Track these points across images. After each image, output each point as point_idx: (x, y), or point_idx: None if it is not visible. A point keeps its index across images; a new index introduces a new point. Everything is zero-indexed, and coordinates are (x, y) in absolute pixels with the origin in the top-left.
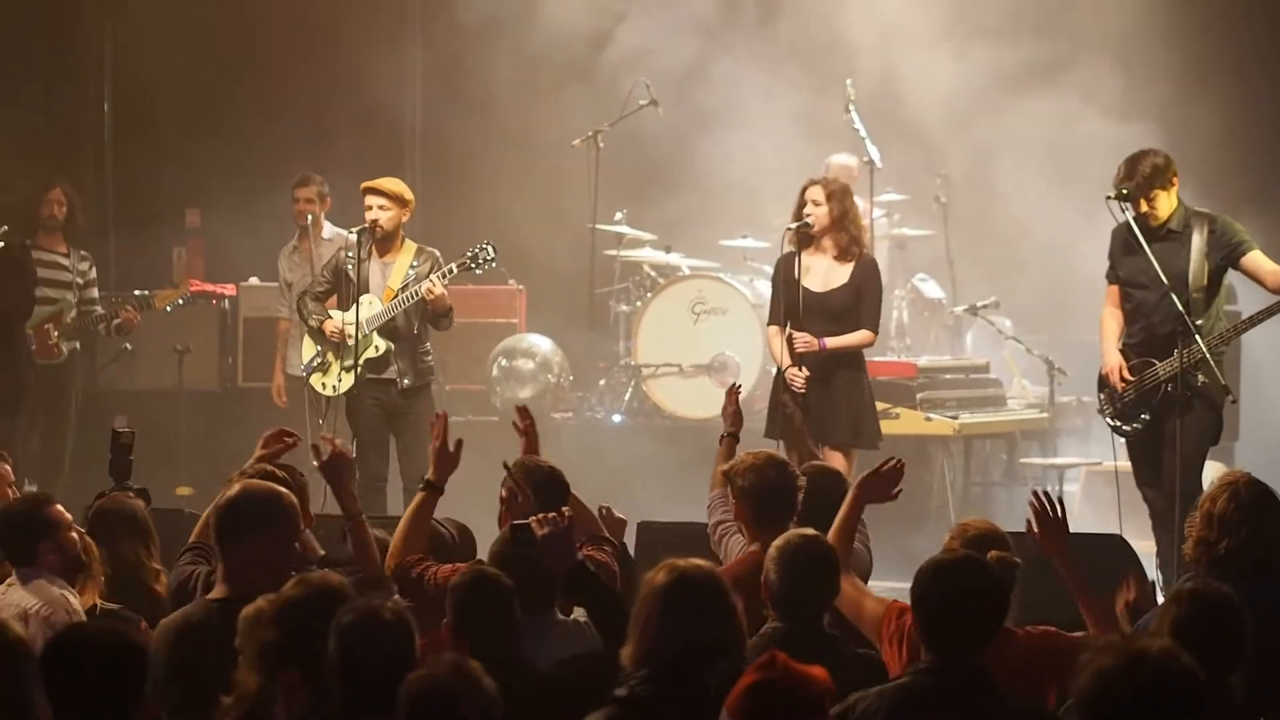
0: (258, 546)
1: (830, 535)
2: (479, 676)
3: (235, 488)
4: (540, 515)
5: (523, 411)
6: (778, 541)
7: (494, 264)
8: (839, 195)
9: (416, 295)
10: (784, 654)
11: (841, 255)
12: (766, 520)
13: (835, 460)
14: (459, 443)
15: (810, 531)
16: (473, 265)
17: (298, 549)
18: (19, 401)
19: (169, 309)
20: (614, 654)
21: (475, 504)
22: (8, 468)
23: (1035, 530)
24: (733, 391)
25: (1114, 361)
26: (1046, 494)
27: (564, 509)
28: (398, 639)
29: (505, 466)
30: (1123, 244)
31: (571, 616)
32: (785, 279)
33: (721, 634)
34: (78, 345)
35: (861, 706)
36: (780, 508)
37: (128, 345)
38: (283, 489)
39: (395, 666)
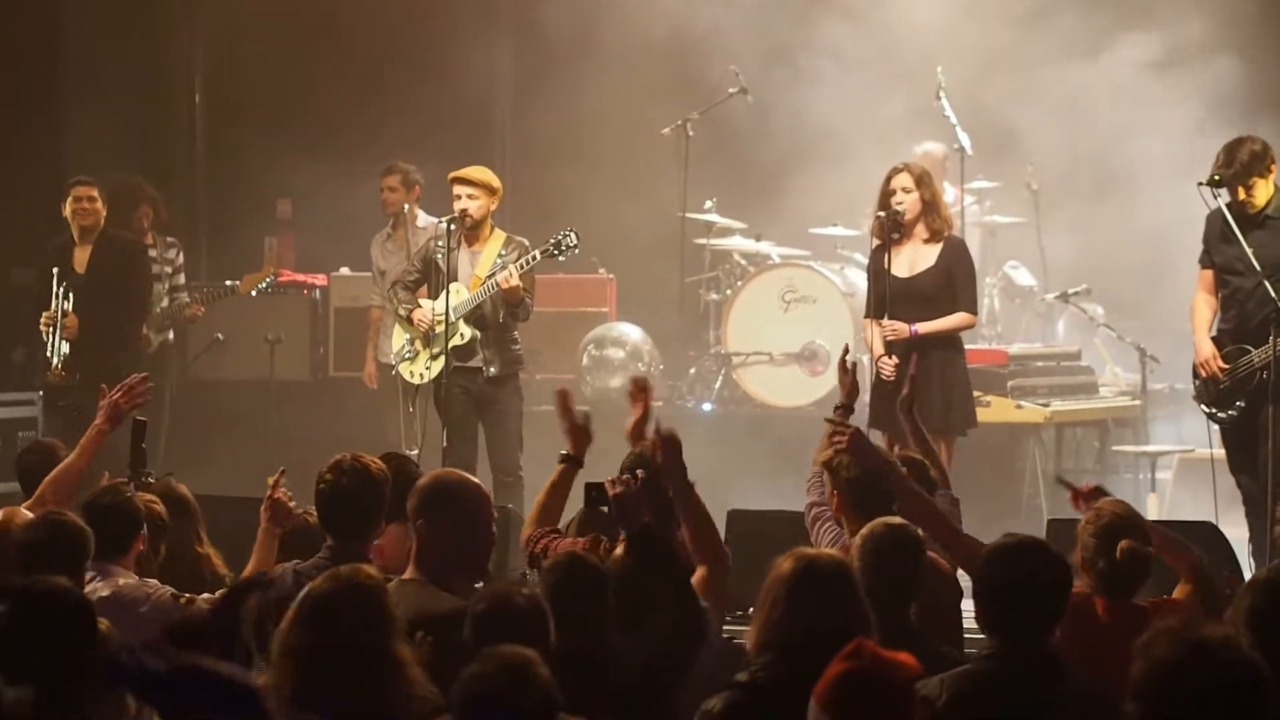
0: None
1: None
2: (533, 669)
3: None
4: (614, 477)
5: (640, 382)
6: (863, 531)
7: (577, 251)
8: (927, 180)
9: (498, 284)
10: (870, 642)
11: (931, 238)
12: (865, 512)
13: (935, 446)
14: (586, 415)
15: (896, 520)
16: (556, 252)
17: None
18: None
19: (254, 293)
20: (680, 620)
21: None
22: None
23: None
24: (844, 362)
25: (1207, 351)
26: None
27: (639, 471)
28: (531, 625)
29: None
30: (1219, 230)
31: None
32: (875, 270)
33: (846, 622)
34: (169, 336)
35: (925, 692)
36: (878, 496)
37: (219, 335)
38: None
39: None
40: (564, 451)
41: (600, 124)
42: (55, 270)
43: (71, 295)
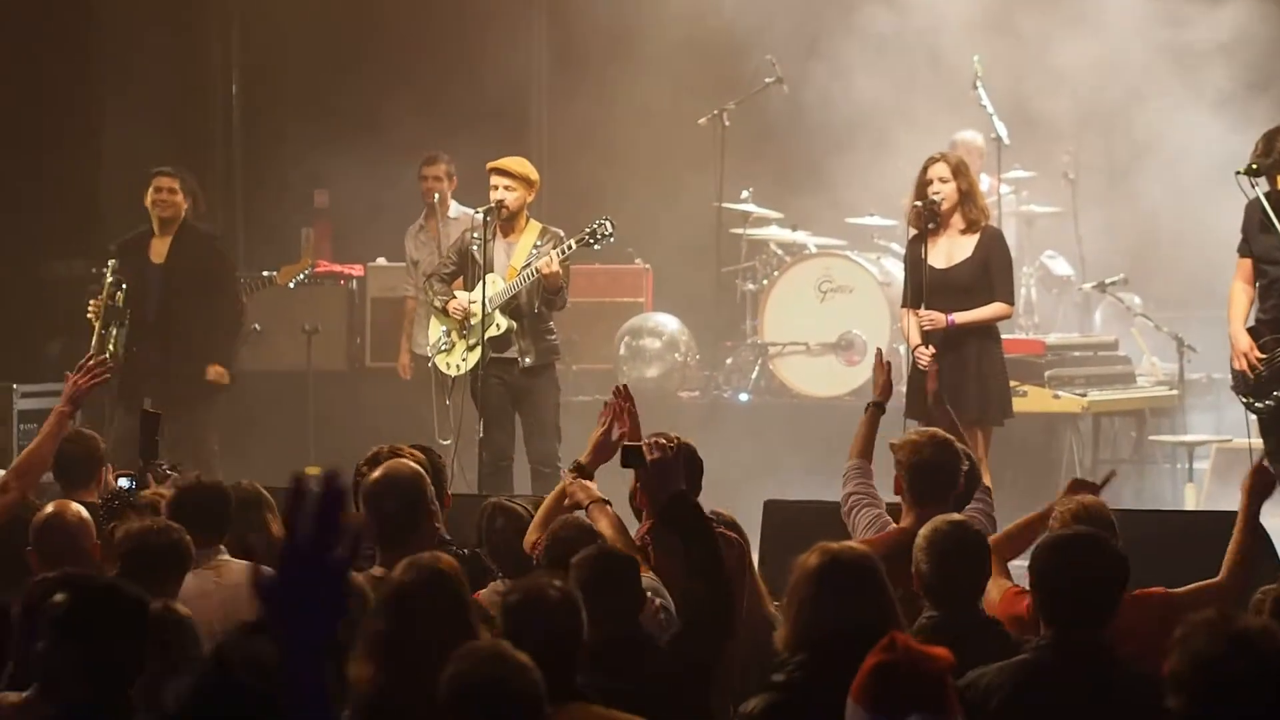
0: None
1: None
2: (511, 653)
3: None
4: (651, 440)
5: (622, 392)
6: (925, 529)
7: (612, 240)
8: (964, 170)
9: (536, 273)
10: (904, 636)
11: (968, 229)
12: (923, 497)
13: (970, 437)
14: (623, 435)
15: (958, 516)
16: (591, 242)
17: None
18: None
19: (292, 285)
20: (709, 602)
21: (605, 487)
22: None
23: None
24: (881, 360)
25: (1244, 344)
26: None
27: (676, 436)
28: (563, 617)
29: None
30: (1257, 219)
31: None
32: (912, 260)
33: (875, 617)
34: None
35: (984, 682)
36: (936, 485)
37: (256, 326)
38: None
39: (561, 644)
40: (579, 460)
41: (636, 114)
42: (112, 261)
43: (145, 286)
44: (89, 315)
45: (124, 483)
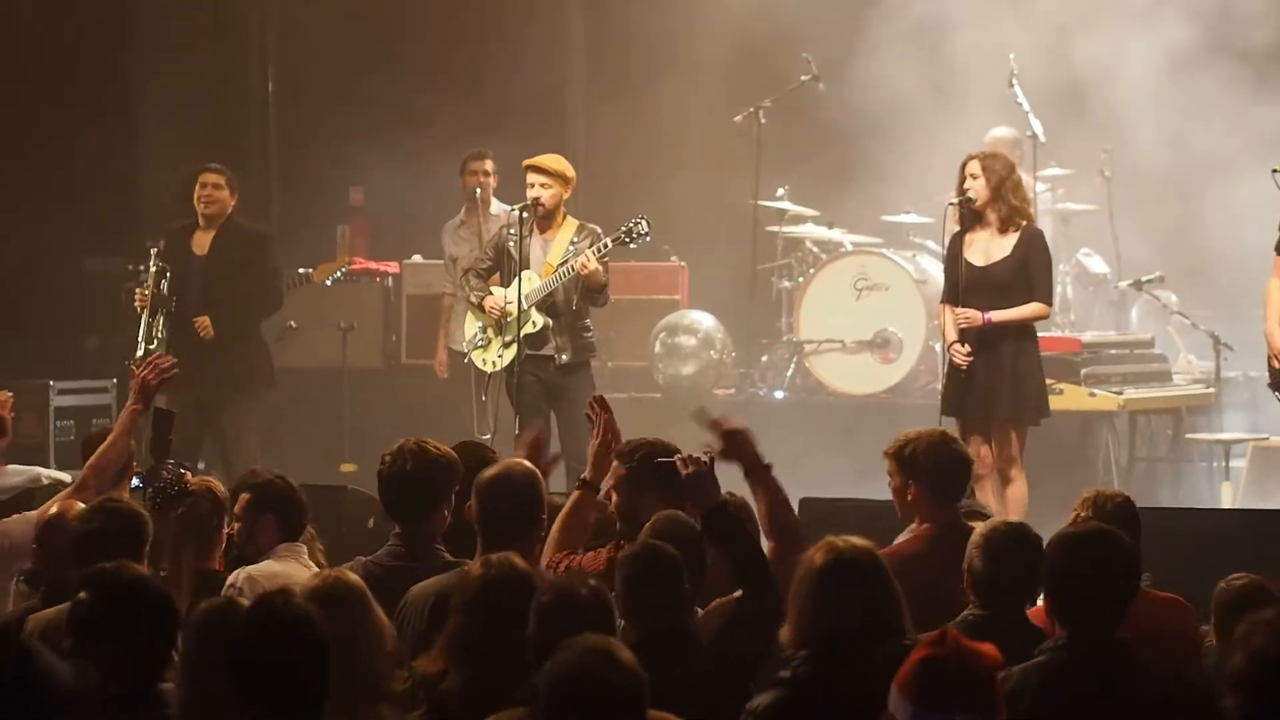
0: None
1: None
2: (618, 652)
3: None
4: (685, 455)
5: (599, 402)
6: (981, 528)
7: (648, 238)
8: (997, 168)
9: (573, 270)
10: (955, 630)
11: (1004, 227)
12: (941, 498)
13: (1004, 435)
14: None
15: (1015, 519)
16: (627, 240)
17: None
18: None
19: (329, 283)
20: (751, 608)
21: None
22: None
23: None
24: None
25: (1279, 343)
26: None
27: (708, 449)
28: (595, 618)
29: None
30: None
31: None
32: (951, 255)
33: (881, 614)
34: None
35: (1010, 685)
36: (955, 485)
37: (292, 323)
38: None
39: None
40: (585, 476)
41: (673, 112)
42: (154, 250)
43: (186, 276)
44: (135, 304)
45: (134, 482)
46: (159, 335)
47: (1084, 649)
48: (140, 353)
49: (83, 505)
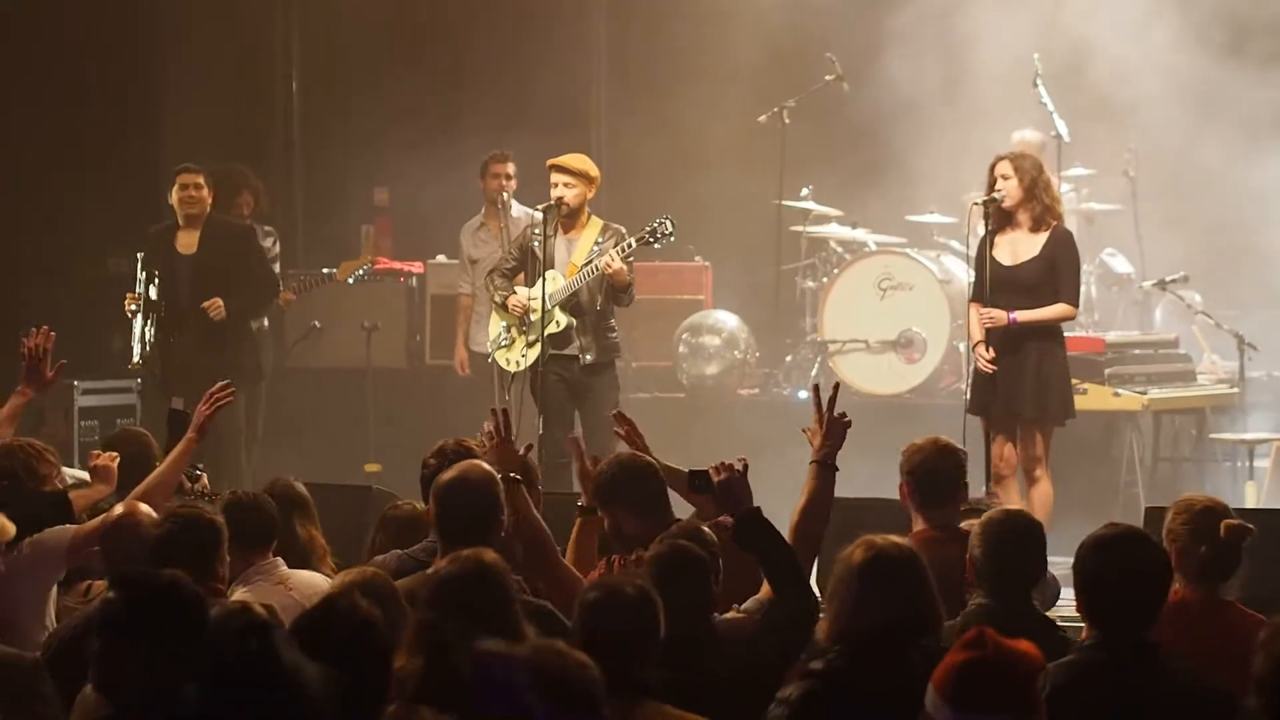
0: None
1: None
2: (573, 653)
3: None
4: (718, 463)
5: (619, 418)
6: (982, 518)
7: (673, 239)
8: (1028, 168)
9: (597, 270)
10: (993, 630)
11: (1035, 226)
12: (931, 501)
13: (1030, 435)
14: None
15: (1014, 507)
16: (652, 240)
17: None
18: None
19: (351, 280)
20: (788, 610)
21: None
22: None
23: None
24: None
25: None
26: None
27: (741, 457)
28: (641, 615)
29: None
30: None
31: None
32: (978, 255)
33: (917, 611)
34: (265, 323)
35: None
36: (945, 489)
37: (316, 323)
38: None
39: (636, 642)
40: (580, 504)
41: (697, 111)
42: (140, 255)
43: (174, 277)
44: (128, 310)
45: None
46: (149, 340)
47: (1114, 650)
48: (136, 358)
49: (147, 509)
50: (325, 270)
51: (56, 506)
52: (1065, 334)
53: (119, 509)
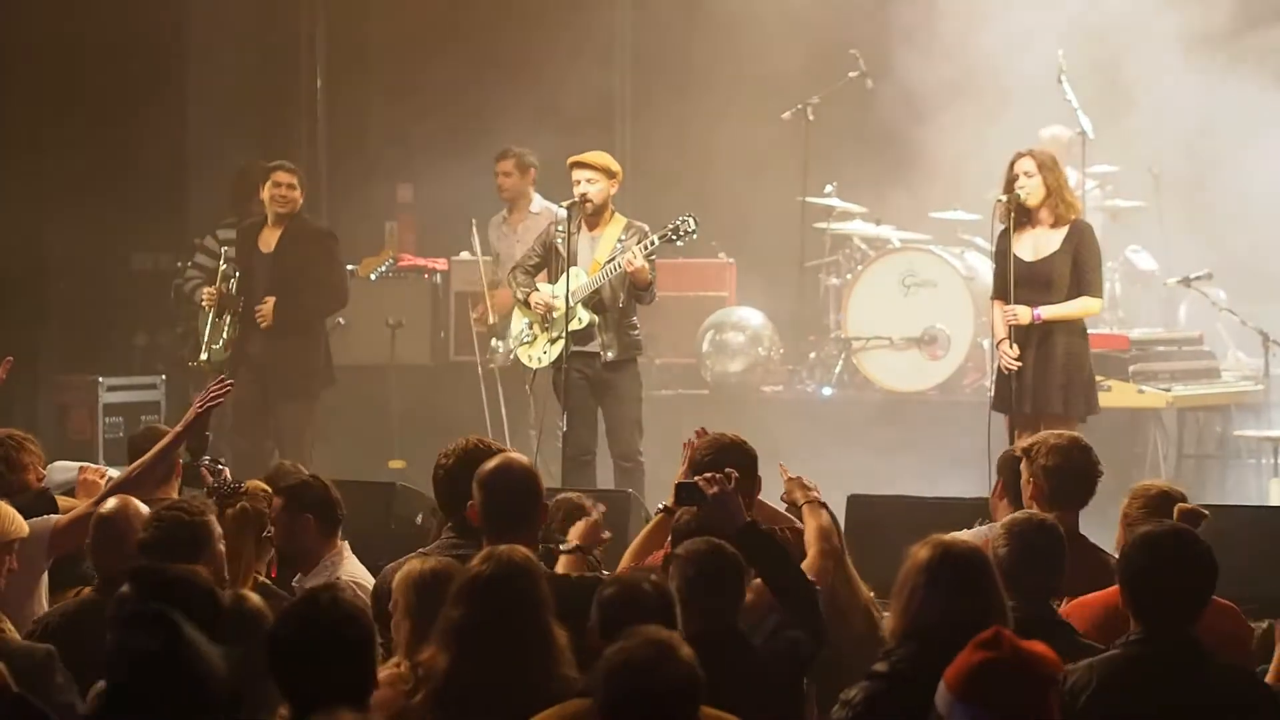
0: None
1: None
2: (677, 646)
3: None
4: (708, 475)
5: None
6: (1006, 520)
7: (695, 236)
8: (1051, 165)
9: (619, 267)
10: (1009, 631)
11: (1057, 222)
12: (1063, 500)
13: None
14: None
15: (1038, 512)
16: (674, 238)
17: None
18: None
19: (373, 277)
20: (799, 616)
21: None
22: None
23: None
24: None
25: None
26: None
27: (729, 470)
28: (657, 612)
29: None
30: None
31: None
32: (999, 251)
33: (985, 610)
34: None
35: (1071, 680)
36: (1079, 489)
37: (340, 320)
38: None
39: None
40: (663, 504)
41: (721, 109)
42: (223, 250)
43: (253, 274)
44: (204, 303)
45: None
46: (225, 336)
47: (1159, 645)
48: (204, 355)
49: (138, 501)
50: (349, 266)
51: (41, 499)
52: (1089, 330)
53: (109, 504)
